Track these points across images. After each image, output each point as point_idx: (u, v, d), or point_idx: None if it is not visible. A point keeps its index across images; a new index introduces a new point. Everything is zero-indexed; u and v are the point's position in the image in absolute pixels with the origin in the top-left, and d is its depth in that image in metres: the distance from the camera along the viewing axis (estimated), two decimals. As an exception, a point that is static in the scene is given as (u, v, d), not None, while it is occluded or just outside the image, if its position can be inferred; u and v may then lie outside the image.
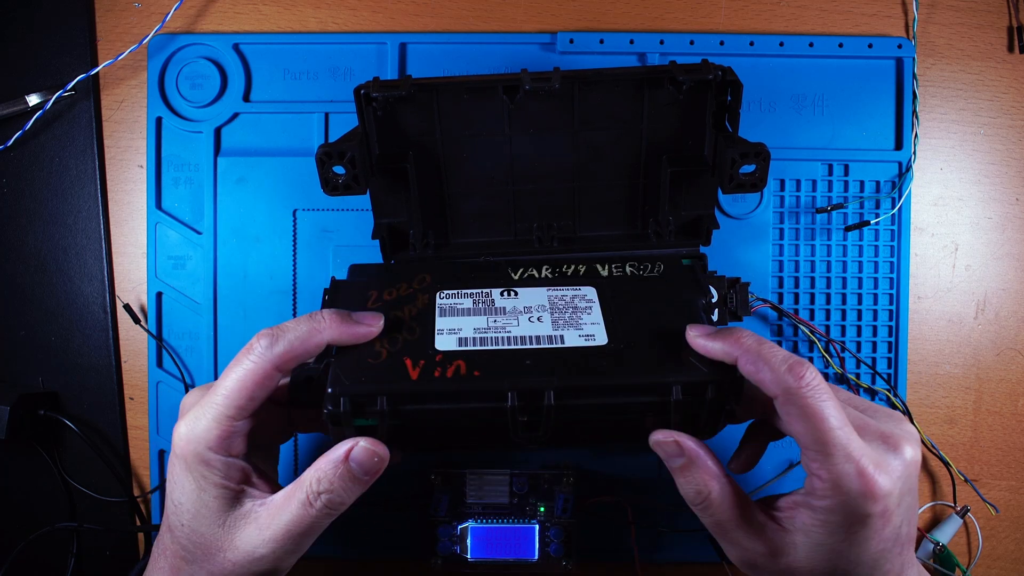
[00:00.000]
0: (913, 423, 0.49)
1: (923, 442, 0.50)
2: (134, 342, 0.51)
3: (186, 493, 0.34)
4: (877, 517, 0.32)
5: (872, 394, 0.50)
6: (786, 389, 0.31)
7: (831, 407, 0.31)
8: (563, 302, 0.38)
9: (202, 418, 0.34)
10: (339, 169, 0.38)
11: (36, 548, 0.49)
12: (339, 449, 0.34)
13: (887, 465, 0.32)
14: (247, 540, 0.33)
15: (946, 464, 0.50)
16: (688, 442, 0.34)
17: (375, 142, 0.41)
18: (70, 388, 0.51)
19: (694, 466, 0.34)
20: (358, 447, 0.33)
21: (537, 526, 0.46)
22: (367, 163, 0.39)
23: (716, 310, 0.42)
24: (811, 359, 0.50)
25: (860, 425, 0.33)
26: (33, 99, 0.49)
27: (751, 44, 0.50)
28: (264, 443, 0.39)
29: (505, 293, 0.39)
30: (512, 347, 0.35)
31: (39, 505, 0.51)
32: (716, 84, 0.40)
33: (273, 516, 0.34)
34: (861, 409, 0.35)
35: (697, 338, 0.34)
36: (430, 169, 0.43)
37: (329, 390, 0.33)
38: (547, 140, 0.42)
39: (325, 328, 0.34)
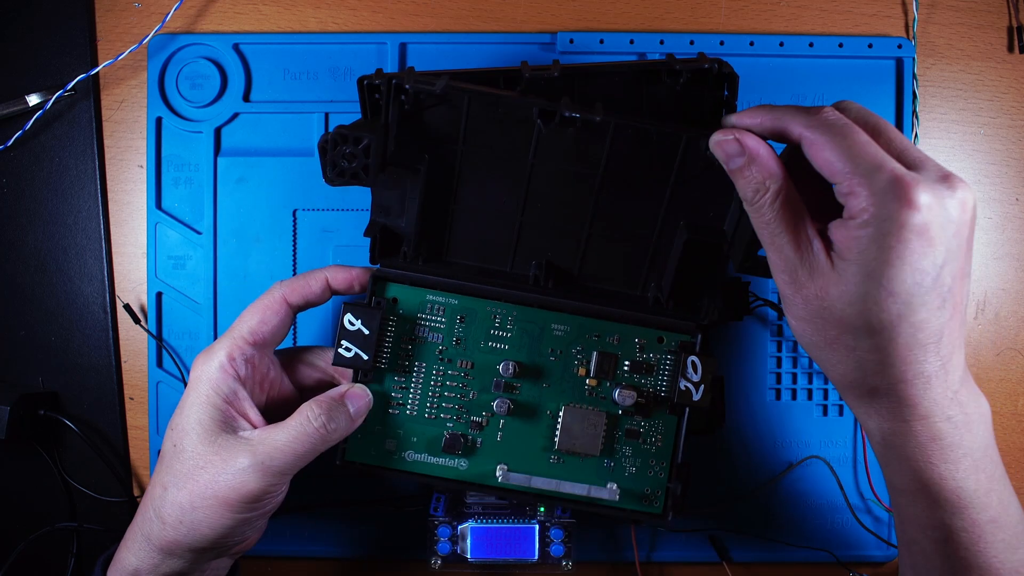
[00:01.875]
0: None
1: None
2: (134, 342, 0.51)
3: (185, 415, 0.37)
4: (914, 233, 0.30)
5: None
6: (808, 123, 0.32)
7: (858, 132, 0.32)
8: None
9: (216, 347, 0.39)
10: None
11: (36, 548, 0.49)
12: (338, 390, 0.39)
13: (934, 189, 0.30)
14: (236, 458, 0.36)
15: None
16: (750, 140, 0.34)
17: (394, 137, 0.38)
18: (70, 388, 0.51)
19: (755, 164, 0.34)
20: (355, 388, 0.40)
21: (537, 526, 0.46)
22: (381, 155, 0.37)
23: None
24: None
25: (915, 158, 0.32)
26: (33, 99, 0.49)
27: (751, 44, 0.50)
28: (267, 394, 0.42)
29: None
30: None
31: (39, 505, 0.51)
32: (713, 77, 0.39)
33: (266, 436, 0.37)
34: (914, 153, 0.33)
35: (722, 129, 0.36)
36: (442, 179, 0.40)
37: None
38: (569, 182, 0.40)
39: (328, 268, 0.41)
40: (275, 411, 0.41)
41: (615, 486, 0.42)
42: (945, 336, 0.32)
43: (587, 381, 0.42)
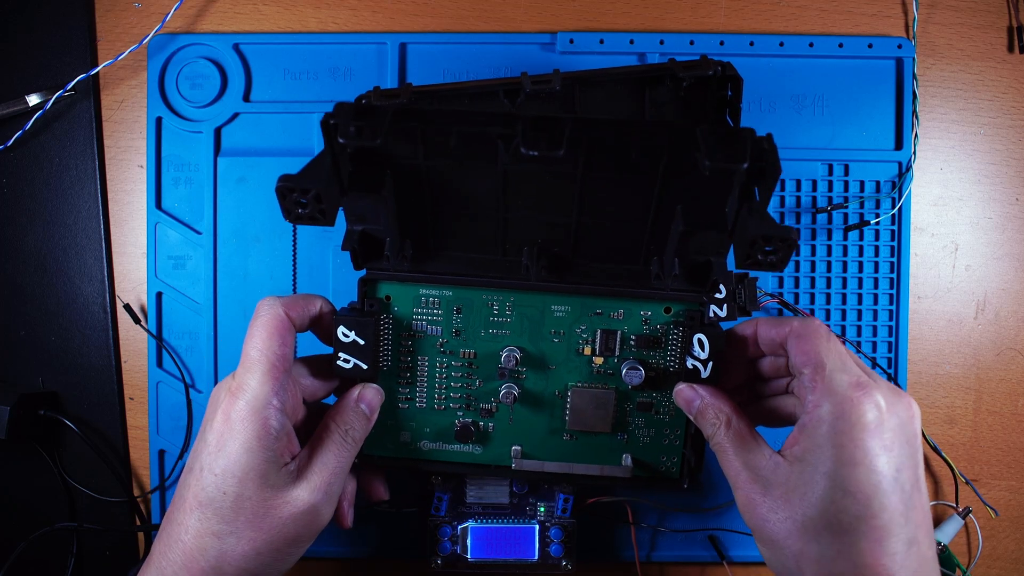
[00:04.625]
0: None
1: (925, 441, 0.50)
2: (134, 342, 0.51)
3: (233, 460, 0.34)
4: (868, 434, 0.31)
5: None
6: (794, 331, 0.36)
7: (833, 342, 0.35)
8: None
9: (250, 381, 0.35)
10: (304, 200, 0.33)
11: (36, 548, 0.49)
12: (350, 394, 0.39)
13: (886, 395, 0.33)
14: (295, 494, 0.36)
15: (948, 465, 0.50)
16: (703, 389, 0.39)
17: (346, 176, 0.35)
18: (70, 388, 0.51)
19: (713, 403, 0.38)
20: (366, 389, 0.40)
21: (537, 526, 0.46)
22: (335, 197, 0.34)
23: (725, 305, 0.41)
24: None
25: (867, 373, 0.34)
26: (33, 99, 0.49)
27: (751, 44, 0.50)
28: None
29: None
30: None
31: (39, 505, 0.51)
32: (716, 80, 0.39)
33: (314, 464, 0.37)
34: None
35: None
36: (413, 185, 0.37)
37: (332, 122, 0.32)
38: (549, 177, 0.37)
39: (323, 298, 0.40)
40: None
41: (628, 459, 0.42)
42: (918, 546, 0.32)
43: (593, 360, 0.42)
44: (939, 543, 0.49)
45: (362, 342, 0.39)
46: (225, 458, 0.35)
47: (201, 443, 0.36)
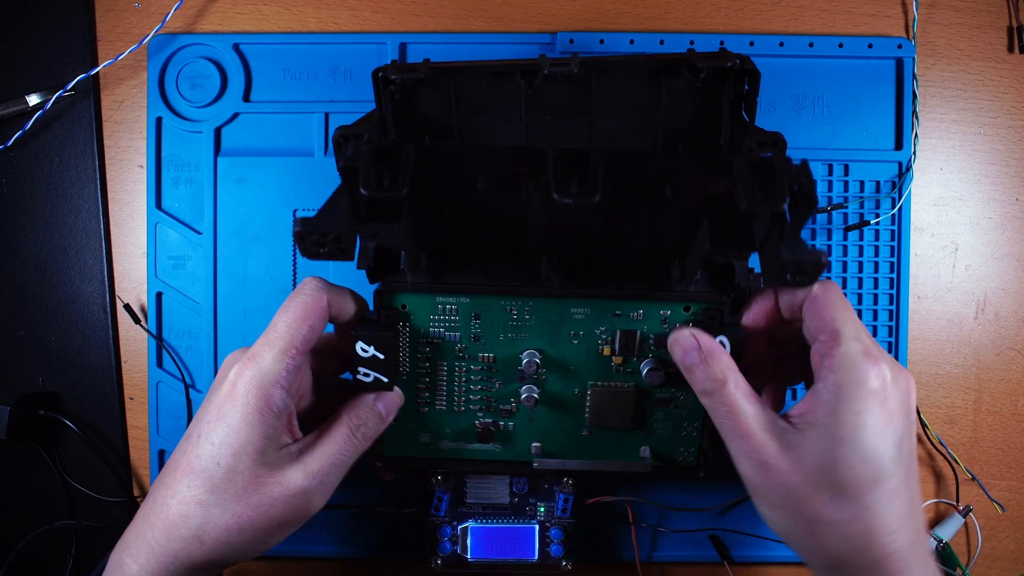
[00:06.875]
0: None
1: (929, 439, 0.50)
2: (134, 342, 0.51)
3: (232, 431, 0.34)
4: (875, 401, 0.32)
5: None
6: (813, 295, 0.35)
7: (849, 309, 0.35)
8: None
9: (265, 355, 0.35)
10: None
11: (35, 548, 0.49)
12: (371, 396, 0.38)
13: (891, 368, 0.33)
14: (289, 475, 0.35)
15: (954, 460, 0.50)
16: (705, 338, 0.36)
17: (364, 211, 0.32)
18: (70, 388, 0.51)
19: (712, 358, 0.35)
20: (387, 393, 0.39)
21: (537, 526, 0.46)
22: (354, 234, 0.33)
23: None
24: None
25: (875, 345, 0.35)
26: (33, 99, 0.49)
27: (751, 44, 0.50)
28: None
29: None
30: None
31: (39, 505, 0.51)
32: (734, 73, 0.39)
33: (315, 450, 0.36)
34: None
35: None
36: (429, 202, 0.35)
37: (349, 153, 0.32)
38: (570, 211, 0.34)
39: (356, 295, 0.39)
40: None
41: (647, 452, 0.43)
42: (915, 512, 0.33)
43: (612, 360, 0.41)
44: (940, 540, 0.49)
45: (382, 356, 0.38)
46: (224, 428, 0.34)
47: (203, 411, 0.36)
